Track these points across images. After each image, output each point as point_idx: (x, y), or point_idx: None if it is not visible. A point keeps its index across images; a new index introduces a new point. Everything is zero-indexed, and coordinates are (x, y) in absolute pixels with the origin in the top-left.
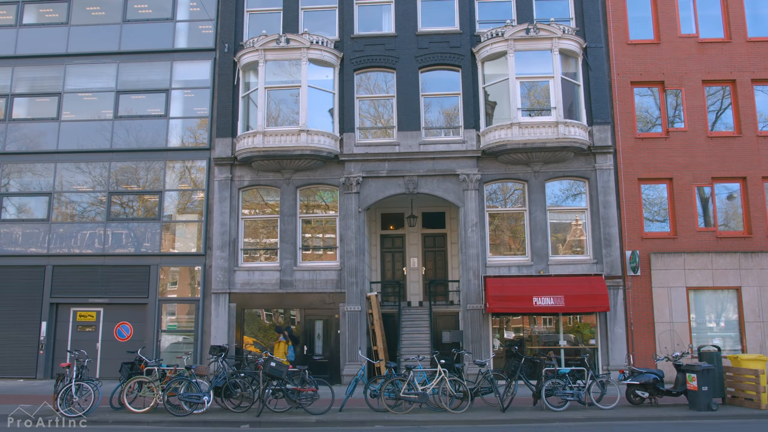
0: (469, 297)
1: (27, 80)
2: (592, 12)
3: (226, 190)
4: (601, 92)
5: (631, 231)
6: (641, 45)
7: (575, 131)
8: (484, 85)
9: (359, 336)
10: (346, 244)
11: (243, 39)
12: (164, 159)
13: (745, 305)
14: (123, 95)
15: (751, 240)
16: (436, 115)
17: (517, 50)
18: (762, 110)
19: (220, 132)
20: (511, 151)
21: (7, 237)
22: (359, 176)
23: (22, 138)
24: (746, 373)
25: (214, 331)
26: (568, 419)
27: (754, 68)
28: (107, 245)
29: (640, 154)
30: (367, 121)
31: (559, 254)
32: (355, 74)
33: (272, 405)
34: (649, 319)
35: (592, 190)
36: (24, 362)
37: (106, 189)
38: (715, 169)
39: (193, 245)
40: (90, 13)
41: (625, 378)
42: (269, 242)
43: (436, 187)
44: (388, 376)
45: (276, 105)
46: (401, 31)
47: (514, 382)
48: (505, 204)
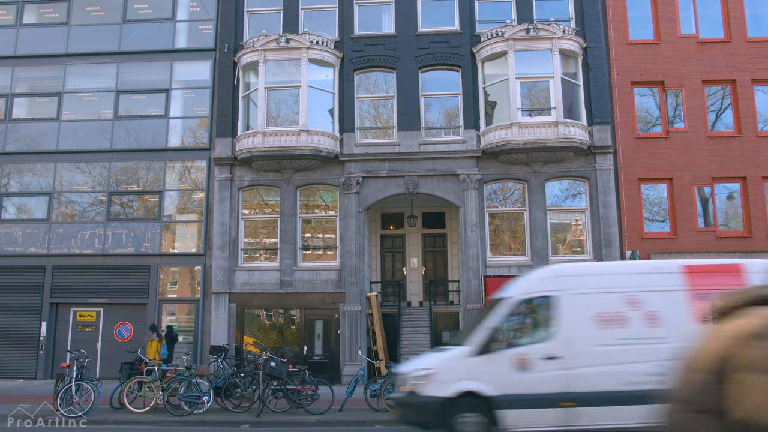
0: (469, 297)
1: (27, 80)
2: (592, 12)
3: (226, 190)
4: (601, 92)
5: (631, 231)
6: (641, 45)
7: (575, 131)
8: (484, 85)
9: (359, 336)
10: (346, 244)
11: (243, 39)
12: (164, 159)
13: None
14: (123, 95)
15: (751, 240)
16: (436, 115)
17: (517, 50)
18: (762, 110)
19: (220, 132)
20: (511, 151)
21: (7, 237)
22: (359, 176)
23: (22, 138)
24: None
25: (214, 331)
26: None
27: (754, 68)
28: (107, 245)
29: (640, 154)
30: (367, 121)
31: (559, 254)
32: (355, 74)
33: (272, 405)
34: None
35: (592, 190)
36: (24, 362)
37: (106, 189)
38: (715, 169)
39: (193, 245)
40: (90, 13)
41: None
42: (269, 242)
43: (436, 187)
44: (389, 376)
45: (276, 105)
46: (401, 31)
47: None
48: (505, 204)
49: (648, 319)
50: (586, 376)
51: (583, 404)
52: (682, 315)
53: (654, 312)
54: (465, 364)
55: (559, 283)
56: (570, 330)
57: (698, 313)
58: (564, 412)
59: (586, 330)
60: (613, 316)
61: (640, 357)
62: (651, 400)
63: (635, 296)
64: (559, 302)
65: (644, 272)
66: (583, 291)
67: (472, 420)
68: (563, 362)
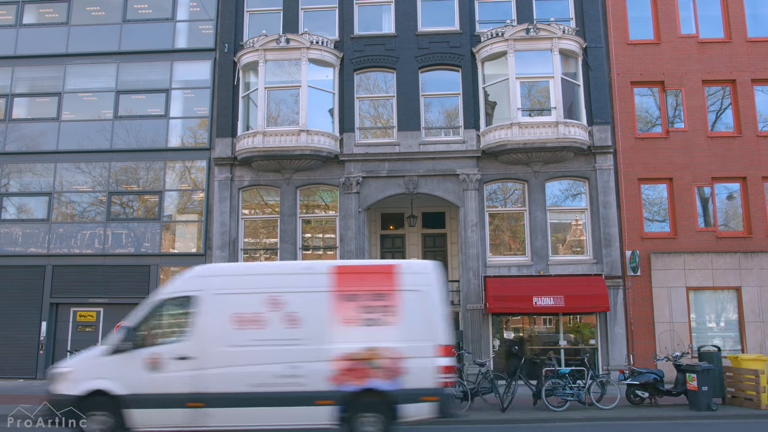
0: (469, 297)
1: (27, 80)
2: (592, 12)
3: (226, 190)
4: (601, 92)
5: (631, 231)
6: (641, 45)
7: (575, 131)
8: (484, 85)
9: None
10: (346, 244)
11: (243, 39)
12: (164, 159)
13: (745, 305)
14: (123, 95)
15: (751, 240)
16: (436, 115)
17: (517, 50)
18: (762, 110)
19: (220, 132)
20: (511, 151)
21: (7, 237)
22: (359, 176)
23: (22, 138)
24: (746, 373)
25: None
26: (568, 419)
27: (754, 68)
28: (107, 245)
29: (640, 154)
30: (367, 121)
31: (559, 254)
32: (355, 74)
33: None
34: (649, 319)
35: (592, 190)
36: (24, 362)
37: (106, 189)
38: (715, 169)
39: (193, 245)
40: (90, 13)
41: (625, 378)
42: (269, 242)
43: (436, 187)
44: None
45: (276, 105)
46: (401, 31)
47: (514, 382)
48: (505, 204)
49: (288, 320)
50: (217, 377)
51: (213, 405)
52: (323, 317)
53: (295, 313)
54: (98, 363)
55: (202, 283)
56: (205, 330)
57: (342, 314)
58: (193, 412)
59: (222, 330)
60: (251, 317)
61: (274, 358)
62: (280, 402)
63: (279, 297)
64: (199, 302)
65: (292, 273)
66: (224, 291)
67: (98, 419)
68: (195, 363)
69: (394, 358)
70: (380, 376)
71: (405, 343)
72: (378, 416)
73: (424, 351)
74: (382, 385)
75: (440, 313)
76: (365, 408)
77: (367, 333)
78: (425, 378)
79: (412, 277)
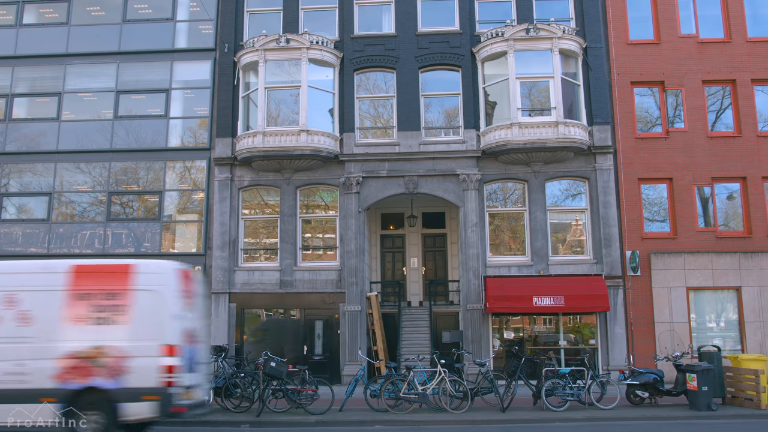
0: (469, 297)
1: (27, 80)
2: (592, 12)
3: (226, 190)
4: (601, 92)
5: (631, 231)
6: (641, 45)
7: (575, 131)
8: (484, 85)
9: (359, 336)
10: (346, 244)
11: (243, 39)
12: (164, 159)
13: (745, 305)
14: (123, 95)
15: (751, 240)
16: (436, 115)
17: (517, 50)
18: (762, 110)
19: (220, 132)
20: (511, 151)
21: (7, 237)
22: (359, 176)
23: (22, 138)
24: (746, 373)
25: (214, 331)
26: (568, 419)
27: (754, 68)
28: (107, 245)
29: (640, 154)
30: (367, 121)
31: (559, 254)
32: (355, 74)
33: (272, 405)
34: (649, 319)
35: (592, 190)
36: None
37: (106, 189)
38: (715, 169)
39: (193, 245)
40: (90, 13)
41: (625, 378)
42: (269, 242)
43: (436, 187)
44: (388, 376)
45: (276, 105)
46: (401, 31)
47: (514, 382)
48: (505, 204)
49: (20, 318)
50: None
51: None
52: (55, 315)
53: (28, 311)
54: None
55: None
56: None
57: (74, 313)
58: None
59: None
60: None
61: (2, 356)
62: (4, 399)
63: (14, 296)
64: None
65: (29, 272)
66: None
67: None
68: None
69: (118, 357)
70: (103, 375)
71: (131, 342)
72: (100, 414)
73: (149, 350)
74: (105, 383)
75: (171, 313)
76: (88, 406)
77: (96, 332)
78: (148, 377)
79: (148, 277)
